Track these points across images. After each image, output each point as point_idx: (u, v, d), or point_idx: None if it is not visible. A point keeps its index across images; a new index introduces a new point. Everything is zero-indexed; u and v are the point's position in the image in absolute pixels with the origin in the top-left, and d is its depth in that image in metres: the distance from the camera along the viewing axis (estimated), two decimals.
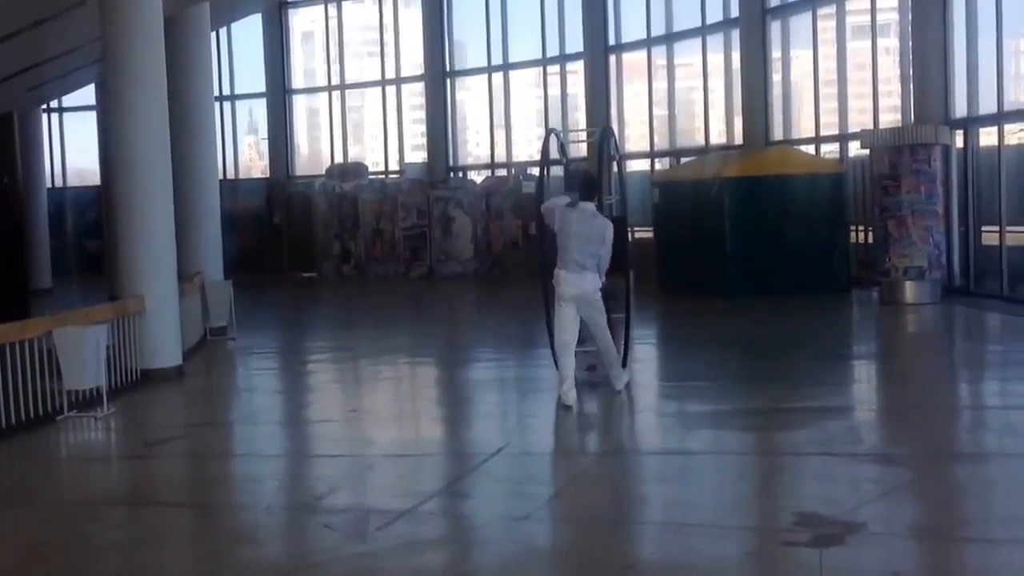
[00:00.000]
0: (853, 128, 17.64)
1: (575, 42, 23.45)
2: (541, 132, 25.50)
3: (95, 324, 9.69)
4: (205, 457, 8.35)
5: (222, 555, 5.98)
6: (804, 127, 19.47)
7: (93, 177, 27.65)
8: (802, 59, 19.34)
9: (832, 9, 18.31)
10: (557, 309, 9.31)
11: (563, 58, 23.99)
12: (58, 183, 28.42)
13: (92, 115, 26.33)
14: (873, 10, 17.58)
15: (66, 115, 28.55)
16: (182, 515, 6.86)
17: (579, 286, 9.16)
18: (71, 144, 28.84)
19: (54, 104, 27.69)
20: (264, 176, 28.13)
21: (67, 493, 7.61)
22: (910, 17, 16.46)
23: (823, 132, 18.64)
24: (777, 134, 19.56)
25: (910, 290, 14.99)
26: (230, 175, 27.01)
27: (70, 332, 9.33)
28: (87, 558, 5.96)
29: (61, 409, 9.29)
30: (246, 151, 29.66)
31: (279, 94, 27.71)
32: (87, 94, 25.95)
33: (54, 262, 24.69)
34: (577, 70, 23.79)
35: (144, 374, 10.80)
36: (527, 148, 26.26)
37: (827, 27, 18.60)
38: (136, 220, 11.14)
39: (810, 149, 18.54)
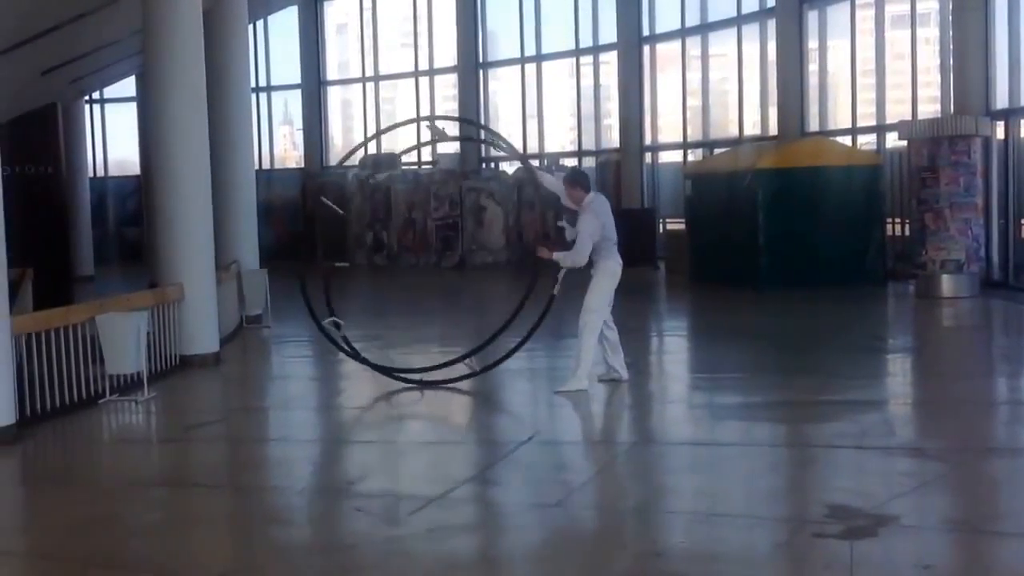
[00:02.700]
0: (891, 119, 17.54)
1: (608, 33, 23.44)
2: (574, 123, 25.57)
3: (136, 311, 9.86)
4: (241, 441, 8.49)
5: (257, 536, 6.10)
6: (840, 118, 19.38)
7: (133, 167, 28.00)
8: (839, 49, 19.24)
9: None
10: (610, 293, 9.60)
11: (596, 49, 23.99)
12: (99, 173, 28.77)
13: (132, 106, 26.68)
14: None
15: (107, 106, 28.90)
16: (219, 497, 6.98)
17: None
18: (112, 135, 29.20)
19: (96, 96, 28.01)
20: (298, 166, 28.34)
21: (108, 474, 7.76)
22: (950, 6, 16.32)
23: (860, 123, 18.54)
24: (813, 125, 19.48)
25: (947, 283, 14.90)
26: (265, 165, 27.23)
27: (112, 318, 9.49)
28: (127, 537, 6.08)
29: (103, 393, 9.47)
30: (281, 142, 29.88)
31: (314, 85, 27.88)
32: (128, 86, 26.29)
33: (95, 250, 25.03)
34: (610, 61, 23.78)
35: (183, 360, 10.97)
36: (559, 139, 26.28)
37: (866, 16, 18.48)
38: (175, 209, 11.29)
39: (846, 140, 18.45)
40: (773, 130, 20.08)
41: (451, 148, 26.52)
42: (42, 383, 8.88)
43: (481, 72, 25.90)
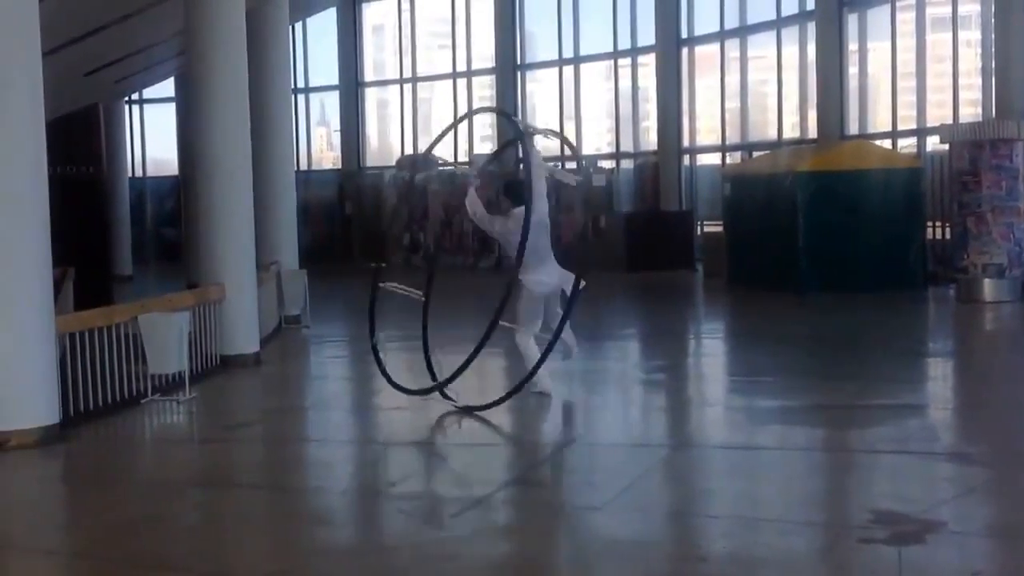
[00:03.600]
0: (932, 122, 17.38)
1: (647, 35, 23.38)
2: (611, 125, 25.53)
3: (178, 311, 9.93)
4: (282, 442, 8.52)
5: (299, 537, 6.10)
6: (880, 121, 19.25)
7: (170, 167, 28.23)
8: (880, 51, 19.11)
9: (911, 1, 18.05)
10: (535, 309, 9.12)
11: (634, 51, 23.93)
12: (137, 173, 29.02)
13: (171, 107, 26.90)
14: (954, 1, 17.29)
15: (146, 106, 29.15)
16: (260, 497, 7.00)
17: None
18: (150, 135, 29.45)
19: (135, 96, 28.27)
20: (335, 167, 28.47)
21: (151, 474, 7.83)
22: (992, 8, 16.16)
23: (900, 126, 18.39)
24: (852, 128, 19.35)
25: (989, 288, 14.75)
26: (303, 166, 27.38)
27: (155, 318, 9.56)
28: (170, 537, 6.11)
29: (145, 393, 9.54)
30: (317, 142, 30.04)
31: (351, 87, 27.99)
32: (167, 86, 26.52)
33: (133, 250, 25.24)
34: (648, 63, 23.73)
35: (223, 360, 11.03)
36: (597, 141, 26.25)
37: (906, 19, 18.34)
38: (217, 210, 11.36)
39: (886, 144, 18.31)
40: (812, 133, 19.96)
41: (487, 149, 26.56)
42: (85, 383, 8.96)
43: (519, 74, 25.90)
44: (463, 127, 26.64)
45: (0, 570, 5.83)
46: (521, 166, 10.96)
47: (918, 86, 18.02)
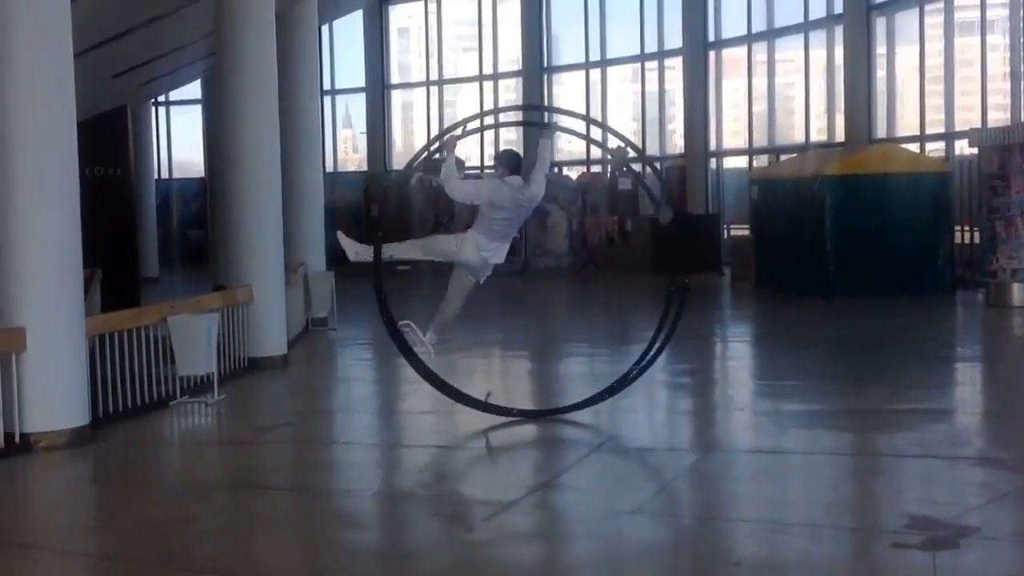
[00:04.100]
0: (960, 126, 17.27)
1: (674, 38, 23.33)
2: (638, 128, 25.47)
3: (207, 312, 9.96)
4: (310, 444, 8.53)
5: (328, 539, 6.10)
6: (908, 125, 19.13)
7: (196, 169, 28.36)
8: (907, 55, 19.00)
9: (940, 5, 17.94)
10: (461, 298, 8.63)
11: (661, 54, 23.88)
12: (163, 175, 29.17)
13: (197, 109, 27.02)
14: (982, 6, 17.19)
15: (172, 108, 29.30)
16: (290, 499, 7.01)
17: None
18: (176, 136, 29.60)
19: (161, 98, 28.42)
20: (361, 169, 28.53)
21: (180, 475, 7.87)
22: (1021, 13, 16.05)
23: (928, 130, 18.28)
24: (880, 132, 19.25)
25: (1018, 292, 14.65)
26: (328, 168, 27.44)
27: (184, 320, 9.59)
28: (199, 539, 6.13)
29: (174, 394, 9.58)
30: (342, 145, 30.11)
31: (377, 89, 28.05)
32: (192, 89, 26.65)
33: (160, 252, 25.35)
34: (675, 66, 23.67)
35: (251, 362, 11.06)
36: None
37: (934, 23, 18.23)
38: (246, 211, 11.39)
39: (914, 147, 18.21)
40: (840, 136, 19.87)
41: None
42: (114, 384, 9.00)
43: (545, 76, 25.90)
44: (488, 131, 26.69)
45: (32, 570, 5.86)
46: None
47: (946, 90, 17.91)
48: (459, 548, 5.76)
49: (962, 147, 17.01)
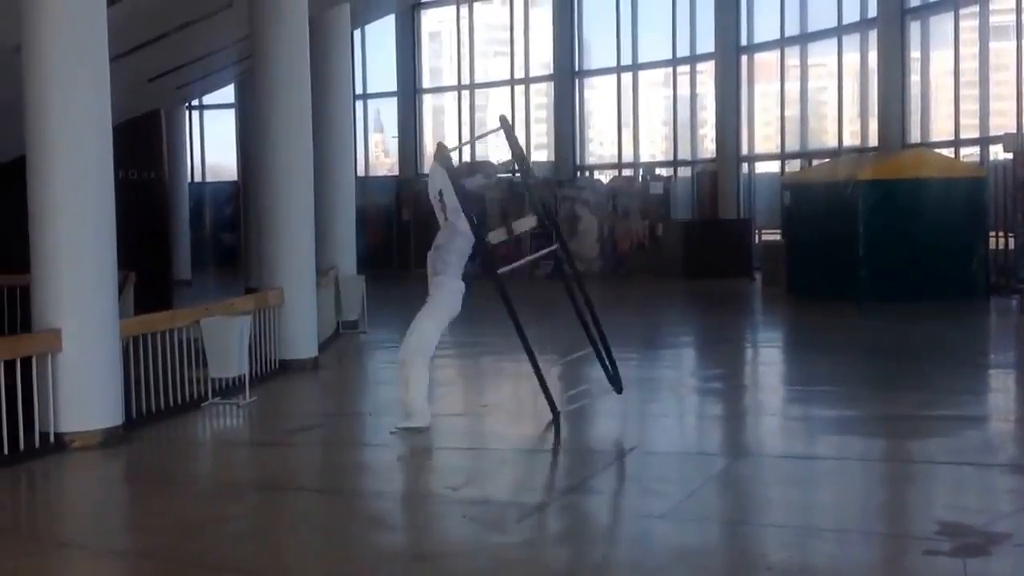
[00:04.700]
0: (995, 131, 17.12)
1: (706, 42, 23.28)
2: (669, 132, 25.44)
3: (239, 315, 10.03)
4: (340, 445, 8.57)
5: (361, 541, 6.13)
6: (942, 129, 18.99)
7: (229, 172, 28.55)
8: (942, 59, 18.86)
9: (975, 8, 17.81)
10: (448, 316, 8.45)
11: (693, 58, 23.84)
12: (196, 178, 29.40)
13: (230, 113, 27.21)
14: (1018, 9, 17.02)
15: (206, 112, 29.54)
16: (320, 501, 7.05)
17: None
18: (209, 140, 29.84)
19: (195, 102, 28.65)
20: (390, 174, 28.63)
21: (211, 476, 7.93)
22: None
23: (963, 135, 18.13)
24: (914, 136, 19.12)
25: None
26: (360, 172, 27.57)
27: (216, 322, 9.66)
28: (229, 539, 6.17)
29: (205, 396, 9.65)
30: (373, 149, 30.25)
31: (409, 93, 28.16)
32: (226, 93, 26.84)
33: (192, 255, 25.54)
34: (707, 70, 23.62)
35: (282, 364, 11.12)
36: (653, 148, 26.17)
37: (969, 27, 18.10)
38: (278, 215, 11.46)
39: (949, 152, 18.07)
40: (873, 141, 19.76)
41: (543, 156, 26.58)
42: (147, 385, 9.09)
43: (576, 81, 25.91)
44: (520, 135, 26.72)
45: (65, 569, 5.93)
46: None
47: (981, 94, 17.76)
48: (488, 550, 5.77)
49: (997, 152, 16.85)
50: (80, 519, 6.86)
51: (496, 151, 24.32)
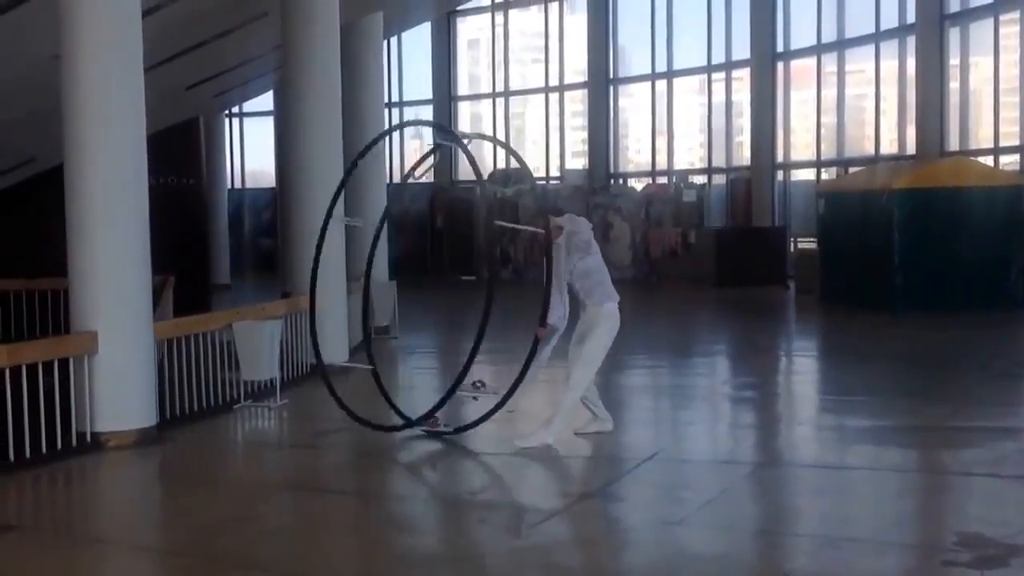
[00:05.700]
0: None
1: (741, 49, 23.22)
2: (704, 140, 25.39)
3: (271, 319, 10.14)
4: (368, 449, 8.65)
5: (384, 543, 6.21)
6: (982, 137, 18.82)
7: (268, 179, 28.81)
8: (981, 66, 18.70)
9: (1015, 15, 17.65)
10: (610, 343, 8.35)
11: (729, 65, 23.78)
12: (236, 184, 29.69)
13: (269, 120, 27.49)
14: None
15: (246, 120, 29.84)
16: (347, 502, 7.16)
17: None
18: (249, 147, 30.15)
19: (235, 109, 28.95)
20: (428, 181, 28.73)
21: (242, 476, 8.06)
22: None
23: (1002, 143, 17.97)
24: (952, 144, 18.96)
25: None
26: (396, 179, 27.71)
27: (249, 326, 9.80)
28: (259, 539, 6.28)
29: (238, 398, 9.79)
30: (410, 156, 30.36)
31: (445, 100, 28.28)
32: (265, 100, 27.11)
33: (232, 259, 25.80)
34: (742, 77, 23.56)
35: (313, 368, 11.21)
36: (688, 156, 26.12)
37: (1009, 33, 17.93)
38: (309, 220, 11.54)
39: (988, 160, 17.90)
40: (911, 149, 19.61)
41: (578, 164, 26.61)
42: (181, 387, 9.23)
43: (611, 88, 25.92)
44: (555, 142, 26.79)
45: (99, 565, 6.07)
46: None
47: (1021, 101, 17.59)
48: (508, 554, 5.82)
49: None
50: (114, 517, 7.02)
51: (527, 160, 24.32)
